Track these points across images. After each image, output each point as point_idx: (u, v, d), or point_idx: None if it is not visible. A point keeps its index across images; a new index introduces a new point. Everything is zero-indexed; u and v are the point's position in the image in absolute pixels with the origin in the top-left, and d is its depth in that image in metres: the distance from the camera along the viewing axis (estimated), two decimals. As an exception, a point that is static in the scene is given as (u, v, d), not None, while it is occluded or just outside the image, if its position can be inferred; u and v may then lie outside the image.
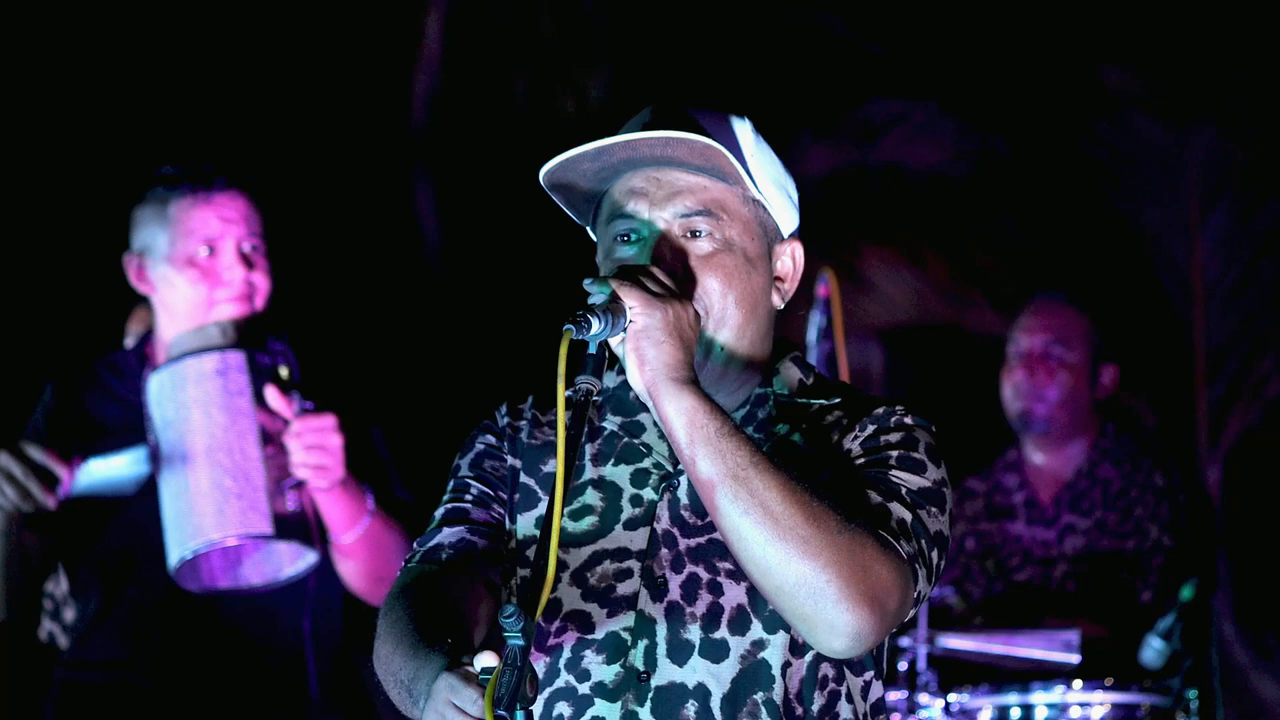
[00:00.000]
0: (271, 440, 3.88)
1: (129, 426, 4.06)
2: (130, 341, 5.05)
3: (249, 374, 3.89)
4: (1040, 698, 4.95)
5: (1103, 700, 4.93)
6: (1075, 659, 4.91)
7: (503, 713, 2.24)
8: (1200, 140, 7.17)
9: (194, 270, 4.01)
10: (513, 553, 2.70)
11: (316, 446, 3.87)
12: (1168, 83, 7.20)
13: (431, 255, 7.09)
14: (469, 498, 2.74)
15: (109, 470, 3.95)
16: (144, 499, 3.97)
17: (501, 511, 2.74)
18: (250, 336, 3.99)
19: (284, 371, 3.94)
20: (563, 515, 2.39)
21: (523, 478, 2.73)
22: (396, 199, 7.03)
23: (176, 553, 3.83)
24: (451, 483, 2.78)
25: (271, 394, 3.89)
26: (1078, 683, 4.93)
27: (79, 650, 4.14)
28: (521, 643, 2.27)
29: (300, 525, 3.88)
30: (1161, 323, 7.25)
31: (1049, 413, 5.55)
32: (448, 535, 2.71)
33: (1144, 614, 5.33)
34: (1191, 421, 7.18)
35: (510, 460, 2.75)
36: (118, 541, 4.06)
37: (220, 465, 3.82)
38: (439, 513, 2.75)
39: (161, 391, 3.91)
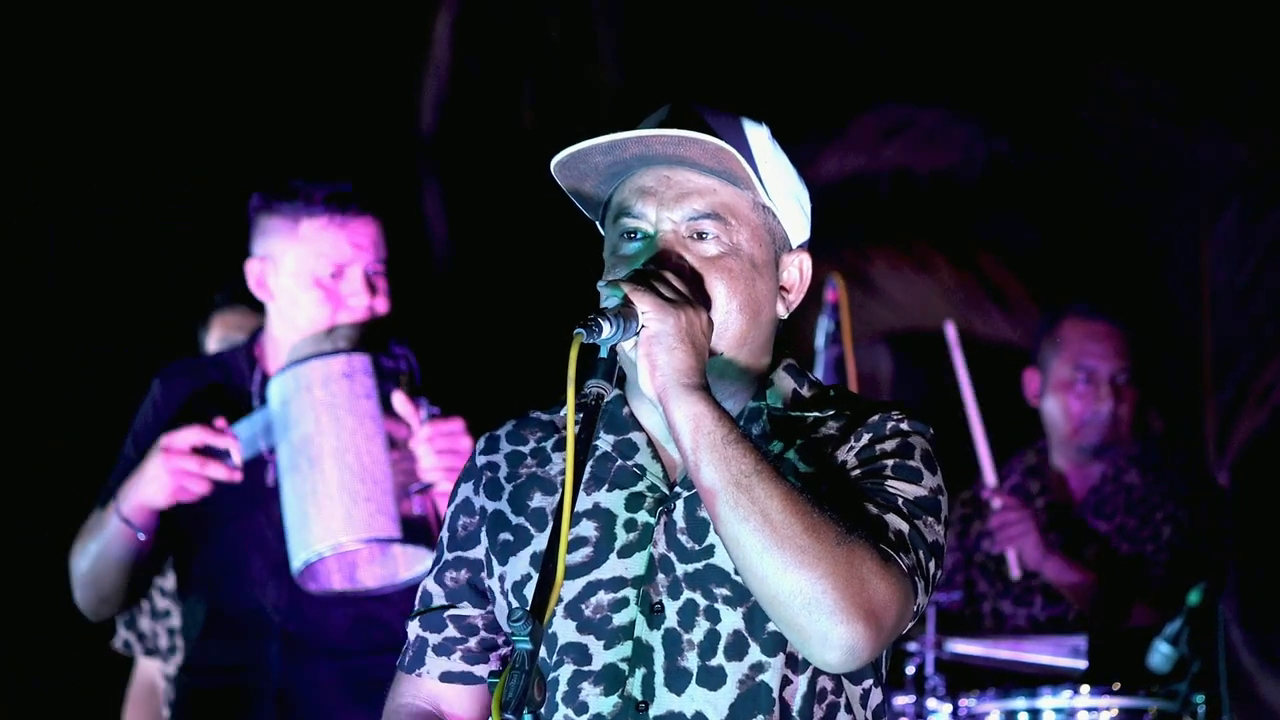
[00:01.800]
0: (396, 444, 3.88)
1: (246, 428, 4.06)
2: (213, 345, 5.05)
3: (375, 377, 3.89)
4: (1048, 702, 4.94)
5: (1110, 705, 4.92)
6: (1083, 664, 4.91)
7: (510, 716, 2.24)
8: (1208, 144, 7.16)
9: (320, 291, 4.01)
10: (507, 594, 2.68)
11: (448, 450, 3.87)
12: (1175, 86, 7.20)
13: (440, 258, 7.10)
14: (434, 570, 2.77)
15: (254, 429, 3.95)
16: (257, 499, 3.97)
17: (460, 574, 2.74)
18: (372, 340, 3.99)
19: (408, 375, 3.94)
20: (567, 532, 2.37)
21: (510, 517, 2.71)
22: (405, 202, 7.03)
23: (302, 555, 3.81)
24: (439, 538, 2.79)
25: (398, 398, 3.89)
26: (1085, 687, 4.93)
27: (198, 655, 4.13)
28: (529, 646, 2.26)
29: (425, 530, 3.87)
30: (1169, 327, 7.25)
31: (1101, 437, 5.56)
32: (411, 631, 2.78)
33: (1141, 629, 5.33)
34: (1199, 426, 7.17)
35: (489, 505, 2.73)
36: (232, 543, 4.06)
37: (348, 468, 3.80)
38: (421, 589, 2.79)
39: (286, 392, 3.89)
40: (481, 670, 2.72)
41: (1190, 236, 7.22)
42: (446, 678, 2.73)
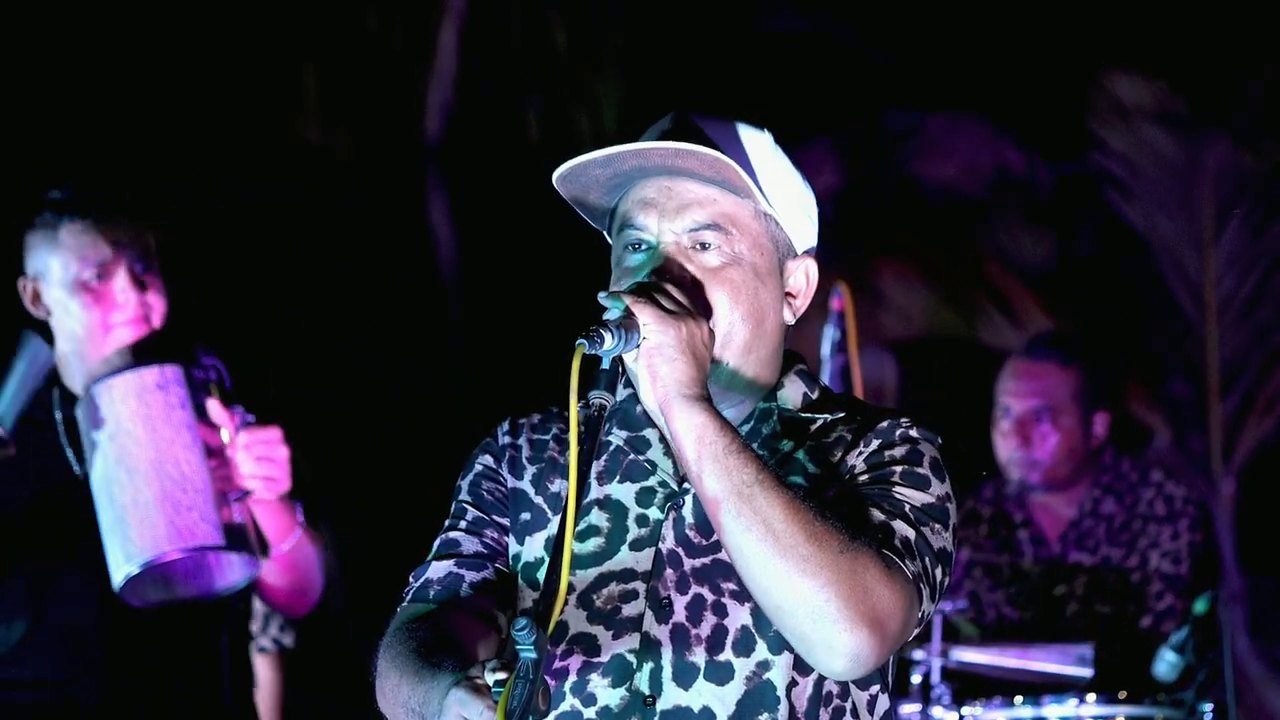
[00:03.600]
0: (212, 453, 3.88)
1: (44, 446, 4.06)
2: None
3: (187, 387, 3.88)
4: (1054, 711, 4.94)
5: (1116, 713, 4.93)
6: (1089, 672, 4.91)
7: (515, 724, 2.25)
8: (1214, 153, 7.16)
9: (87, 295, 4.00)
10: (519, 574, 2.69)
11: (265, 458, 3.89)
12: (1182, 95, 7.20)
13: (446, 267, 7.11)
14: (462, 525, 2.73)
15: (14, 385, 3.94)
16: (67, 514, 3.96)
17: (496, 536, 2.72)
18: (180, 351, 3.98)
19: (218, 385, 3.94)
20: (570, 545, 2.37)
21: (532, 497, 2.72)
22: (411, 211, 7.04)
23: (124, 569, 3.79)
24: (451, 506, 2.78)
25: (214, 406, 3.89)
26: (1091, 696, 4.93)
27: (8, 670, 4.09)
28: (534, 655, 2.27)
29: (244, 537, 3.87)
30: (1175, 336, 7.24)
31: (1044, 476, 5.53)
32: (436, 570, 2.71)
33: (1143, 638, 5.33)
34: (1205, 435, 7.17)
35: (511, 481, 2.74)
36: (40, 561, 4.03)
37: (169, 477, 3.80)
38: (435, 543, 2.75)
39: (98, 407, 3.87)
40: (501, 621, 2.68)
41: (1196, 245, 7.21)
42: (480, 614, 2.67)
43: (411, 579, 2.74)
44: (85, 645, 4.04)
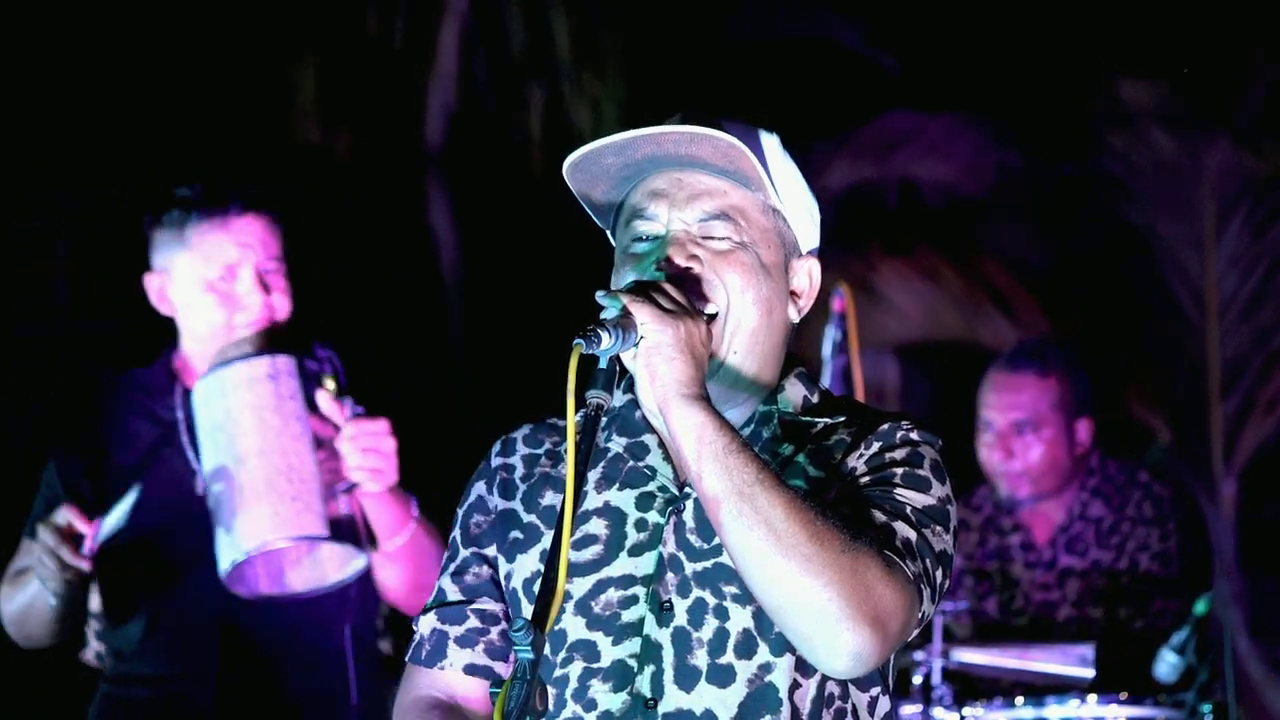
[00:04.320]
0: (322, 445, 3.88)
1: (164, 442, 4.07)
2: None
3: (298, 379, 3.90)
4: (1055, 711, 4.94)
5: (1117, 714, 4.93)
6: (1090, 673, 4.91)
7: (512, 725, 2.25)
8: (1215, 153, 7.16)
9: (213, 295, 4.02)
10: (516, 591, 2.69)
11: (372, 450, 3.87)
12: (1182, 96, 7.20)
13: (446, 268, 7.11)
14: (452, 568, 2.75)
15: (122, 515, 3.95)
16: (190, 507, 3.97)
17: (479, 570, 2.73)
18: (283, 345, 3.99)
19: (330, 379, 3.94)
20: (568, 543, 2.38)
21: (523, 516, 2.72)
22: (412, 212, 7.05)
23: (230, 556, 3.81)
24: (451, 537, 2.79)
25: (323, 398, 3.89)
26: (1092, 697, 4.93)
27: (125, 665, 4.12)
28: (531, 656, 2.27)
29: (352, 529, 3.87)
30: (1176, 337, 7.25)
31: (1031, 488, 5.54)
32: (425, 627, 2.75)
33: (1138, 641, 5.33)
34: (1206, 436, 7.17)
35: (501, 505, 2.73)
36: (158, 554, 4.05)
37: (274, 467, 3.80)
38: (437, 586, 2.77)
39: (210, 396, 3.89)
40: (503, 669, 2.71)
41: (1197, 246, 7.22)
42: (471, 670, 2.71)
43: (414, 626, 2.77)
44: (201, 641, 4.04)
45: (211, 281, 4.02)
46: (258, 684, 4.05)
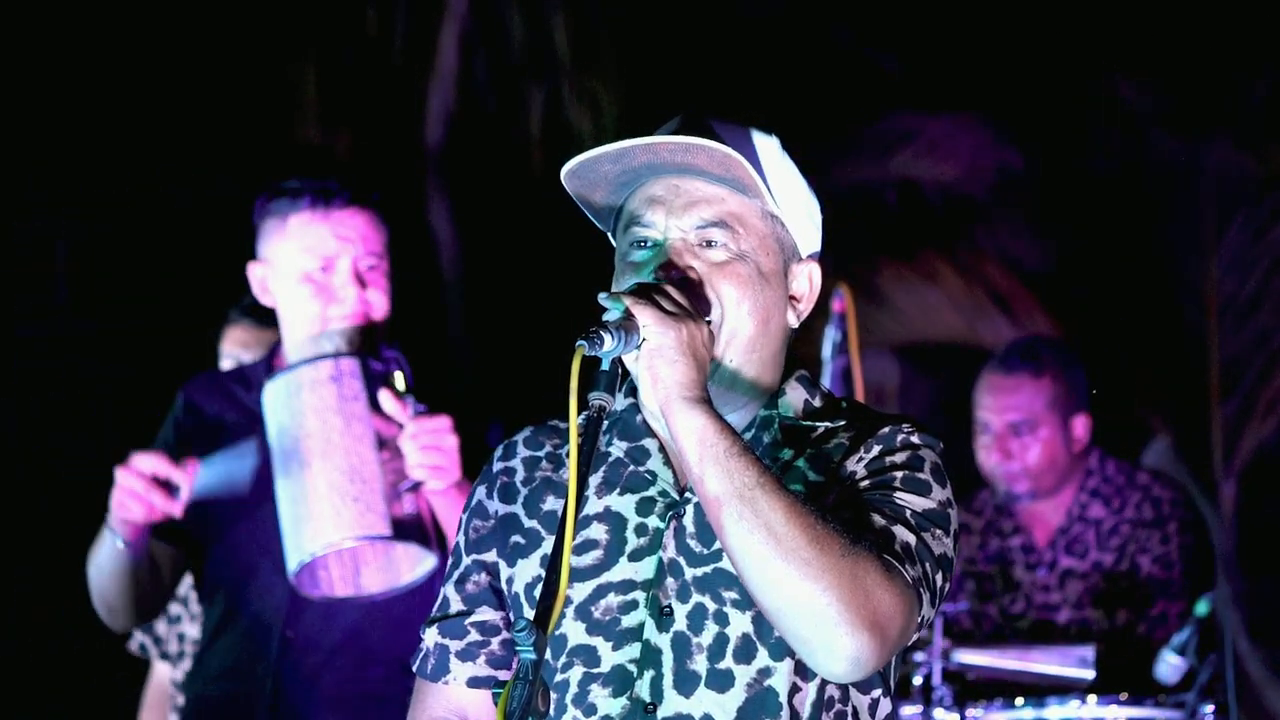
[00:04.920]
0: (387, 445, 3.88)
1: (251, 433, 4.06)
2: (227, 362, 5.06)
3: (363, 380, 3.88)
4: (1055, 712, 4.94)
5: (1118, 715, 4.92)
6: (1090, 674, 4.91)
7: (514, 726, 2.25)
8: (1215, 155, 7.17)
9: (310, 286, 3.99)
10: (518, 595, 2.69)
11: (433, 447, 3.84)
12: (1183, 97, 7.21)
13: (446, 268, 7.11)
14: (455, 575, 2.76)
15: (226, 470, 3.96)
16: (265, 506, 3.96)
17: (479, 578, 2.74)
18: (368, 346, 3.99)
19: (399, 377, 3.94)
20: (570, 543, 2.38)
21: (524, 521, 2.71)
22: (412, 213, 7.05)
23: (295, 557, 3.81)
24: (454, 541, 2.79)
25: (386, 398, 3.87)
26: (1093, 697, 4.93)
27: (203, 661, 4.13)
28: (533, 656, 2.27)
29: (418, 528, 3.86)
30: (1176, 338, 7.25)
31: (1030, 486, 5.55)
32: (430, 639, 2.75)
33: (1140, 646, 5.33)
34: (1206, 437, 7.17)
35: (501, 509, 2.73)
36: (242, 550, 4.05)
37: (337, 469, 3.80)
38: (440, 594, 2.78)
39: (276, 398, 3.90)
40: (506, 676, 2.72)
41: (1197, 247, 7.22)
42: (474, 683, 2.72)
43: (421, 634, 2.77)
44: (268, 639, 4.04)
45: (309, 272, 3.99)
46: (317, 686, 4.05)
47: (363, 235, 4.03)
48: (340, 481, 3.80)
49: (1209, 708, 4.89)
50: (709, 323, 2.59)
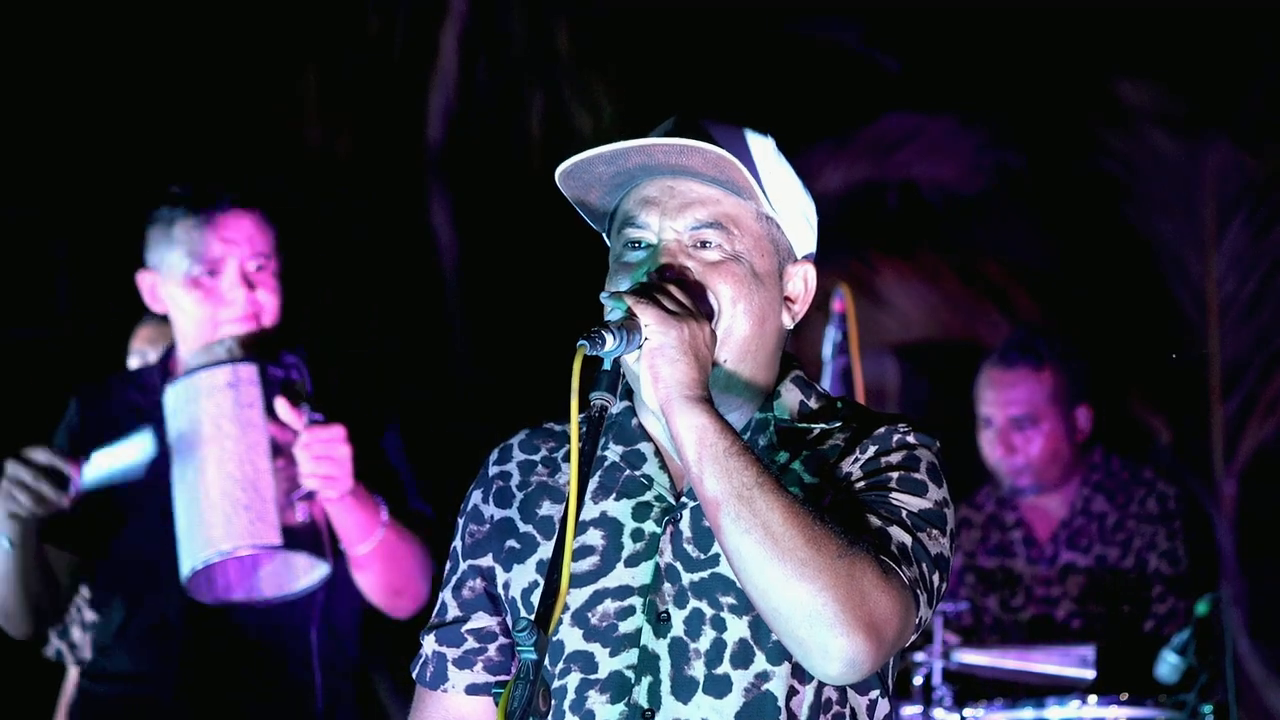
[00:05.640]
0: (283, 452, 3.89)
1: (155, 435, 4.08)
2: (134, 360, 5.06)
3: (260, 386, 3.90)
4: (1055, 713, 4.95)
5: (1118, 715, 4.93)
6: (1090, 674, 4.91)
7: (515, 726, 2.25)
8: (1215, 154, 7.16)
9: (198, 291, 4.02)
10: (515, 600, 2.69)
11: (325, 457, 3.87)
12: (1183, 97, 7.20)
13: (447, 270, 7.11)
14: (452, 582, 2.76)
15: (116, 459, 3.96)
16: (164, 509, 3.97)
17: (474, 583, 2.74)
18: (263, 350, 4.00)
19: (297, 384, 3.95)
20: (571, 543, 2.38)
21: (519, 525, 2.72)
22: (413, 214, 7.04)
23: (188, 563, 3.84)
24: (451, 546, 2.79)
25: (281, 406, 3.89)
26: (1093, 698, 4.93)
27: (100, 662, 4.15)
28: (534, 656, 2.27)
29: (311, 536, 3.89)
30: (1176, 338, 7.25)
31: (1034, 479, 5.57)
32: (428, 646, 2.76)
33: (1145, 641, 5.33)
34: (1207, 437, 7.17)
35: (497, 513, 2.74)
36: (139, 553, 4.06)
37: (230, 476, 3.83)
38: (439, 599, 2.78)
39: (175, 404, 3.93)
40: (504, 680, 2.72)
41: (1197, 247, 7.22)
42: (472, 690, 2.73)
43: (420, 638, 2.78)
44: (168, 641, 4.06)
45: (195, 277, 4.02)
46: (220, 687, 4.06)
47: (248, 237, 4.05)
48: (233, 490, 3.82)
49: (1209, 708, 4.90)
50: (711, 323, 2.59)
